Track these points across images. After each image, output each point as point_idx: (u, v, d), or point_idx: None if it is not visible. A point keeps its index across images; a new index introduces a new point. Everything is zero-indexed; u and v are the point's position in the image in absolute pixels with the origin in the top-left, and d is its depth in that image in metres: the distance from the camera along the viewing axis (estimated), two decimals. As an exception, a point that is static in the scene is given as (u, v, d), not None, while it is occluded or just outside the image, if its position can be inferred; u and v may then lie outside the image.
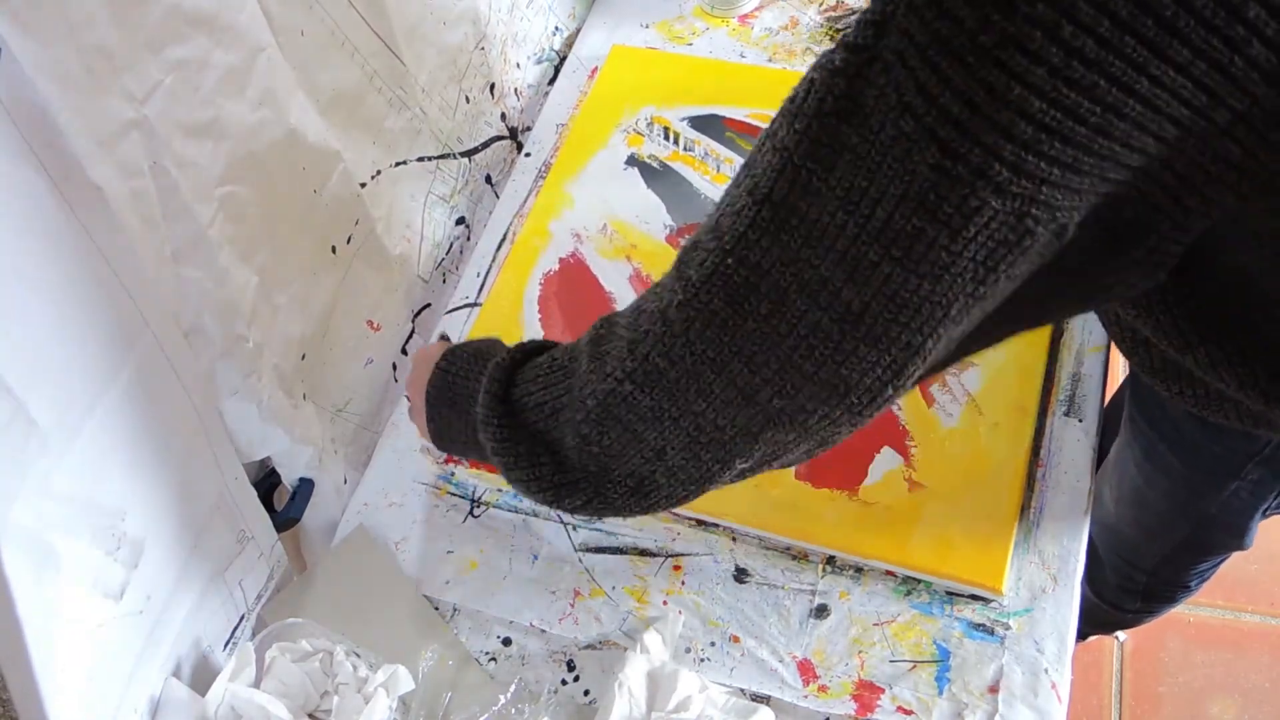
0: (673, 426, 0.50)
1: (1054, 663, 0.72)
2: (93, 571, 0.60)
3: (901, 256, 0.40)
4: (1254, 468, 0.71)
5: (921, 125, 0.37)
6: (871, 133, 0.38)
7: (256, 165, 0.67)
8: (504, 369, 0.59)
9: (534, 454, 0.57)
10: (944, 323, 0.42)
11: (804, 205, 0.41)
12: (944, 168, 0.37)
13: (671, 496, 0.55)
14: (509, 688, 0.75)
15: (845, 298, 0.42)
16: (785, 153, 0.41)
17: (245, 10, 0.64)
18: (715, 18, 1.13)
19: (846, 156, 0.39)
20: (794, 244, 0.42)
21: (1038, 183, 0.37)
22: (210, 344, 0.67)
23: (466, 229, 1.02)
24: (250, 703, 0.69)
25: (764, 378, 0.46)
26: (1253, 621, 1.41)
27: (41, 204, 0.52)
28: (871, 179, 0.39)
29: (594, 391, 0.52)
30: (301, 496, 0.79)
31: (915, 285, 0.41)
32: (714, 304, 0.45)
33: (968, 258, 0.40)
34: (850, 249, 0.41)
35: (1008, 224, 0.38)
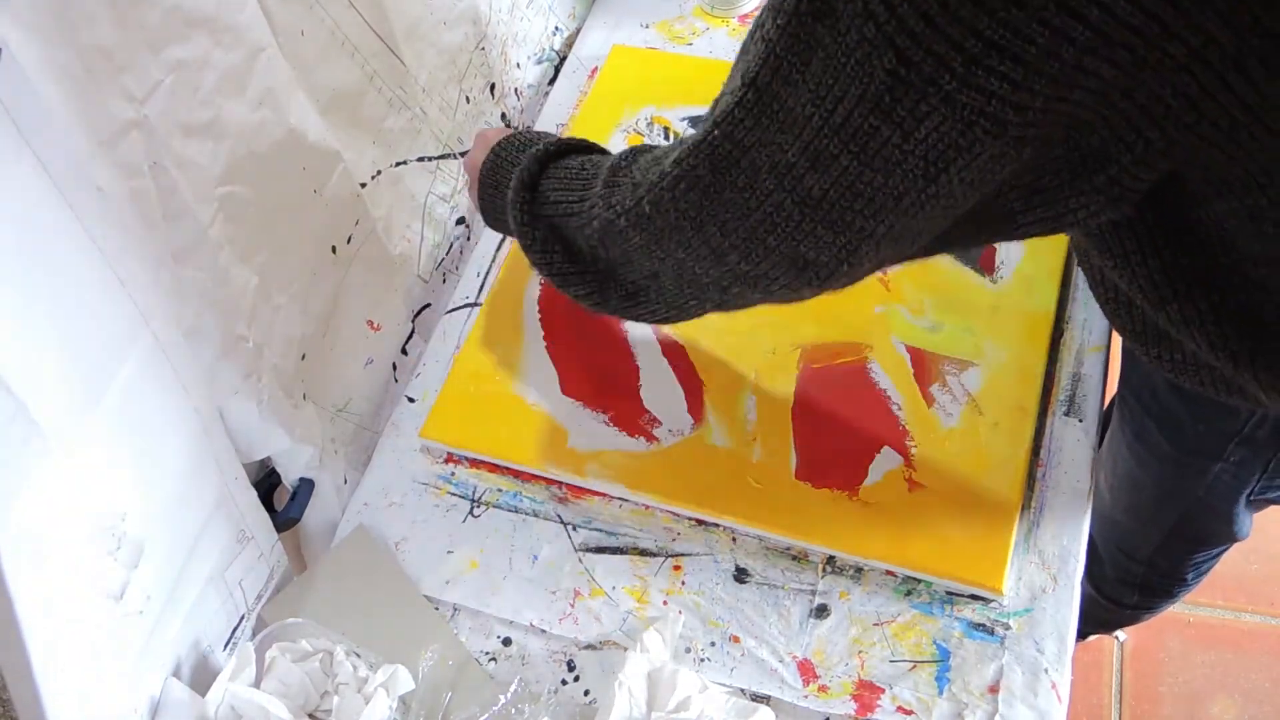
0: (659, 263, 0.58)
1: (1054, 663, 0.72)
2: (93, 571, 0.60)
3: (858, 151, 0.44)
4: (1235, 448, 0.72)
5: (882, 32, 0.39)
6: (840, 34, 0.41)
7: (256, 165, 0.67)
8: (538, 159, 0.66)
9: (548, 241, 0.66)
10: (894, 212, 0.46)
11: (783, 93, 0.45)
12: (898, 74, 0.40)
13: (656, 314, 0.64)
14: (509, 688, 0.75)
15: (807, 184, 0.46)
16: (769, 43, 0.44)
17: (245, 10, 0.64)
18: (715, 18, 1.13)
19: (819, 54, 0.42)
20: (771, 128, 0.46)
21: (986, 95, 0.39)
22: (210, 344, 0.67)
23: (467, 229, 1.02)
24: (250, 703, 0.69)
25: (732, 243, 0.52)
26: (1253, 621, 1.42)
27: (41, 204, 0.52)
28: (837, 77, 0.42)
29: (598, 215, 0.60)
30: (301, 496, 0.79)
31: (869, 178, 0.44)
32: (699, 169, 0.50)
33: (917, 156, 0.43)
34: (814, 140, 0.44)
35: (955, 130, 0.41)
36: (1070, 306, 0.86)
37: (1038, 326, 0.84)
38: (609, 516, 0.82)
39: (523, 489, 0.84)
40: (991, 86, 0.39)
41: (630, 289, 0.64)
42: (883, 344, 0.85)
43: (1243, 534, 0.86)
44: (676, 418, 0.84)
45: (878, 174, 0.44)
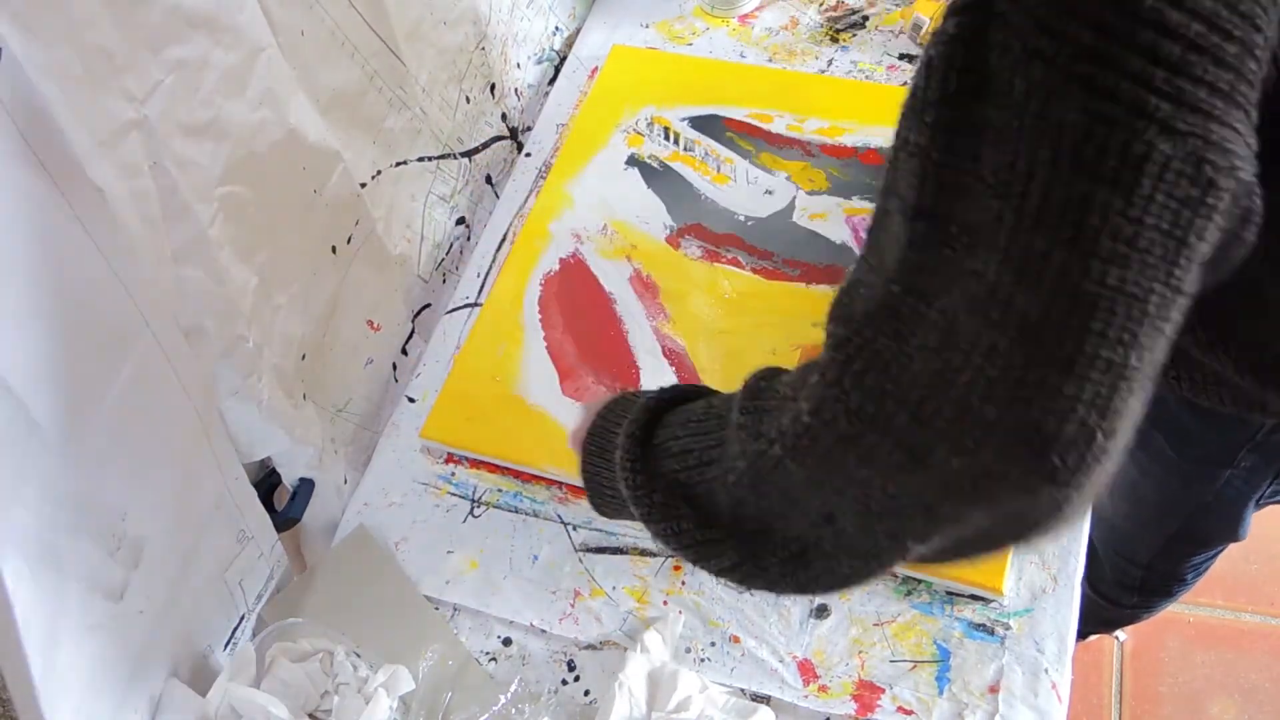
0: (834, 497, 0.42)
1: (1054, 663, 0.72)
2: (93, 571, 0.60)
3: (1072, 236, 0.33)
4: (1247, 455, 0.71)
5: (1054, 68, 0.32)
6: (1005, 97, 0.32)
7: (256, 165, 0.67)
8: (648, 410, 0.53)
9: (672, 505, 0.51)
10: (1144, 325, 0.34)
11: (958, 207, 0.35)
12: (1093, 110, 0.31)
13: (836, 574, 0.46)
14: (509, 688, 0.75)
15: (1019, 306, 0.34)
16: (922, 153, 0.35)
17: (245, 10, 0.64)
18: (715, 18, 1.13)
19: (988, 135, 0.33)
20: (957, 255, 0.35)
21: (1205, 117, 0.31)
22: (210, 344, 0.66)
23: (467, 229, 1.02)
24: (250, 703, 0.68)
25: (936, 429, 0.37)
26: (1253, 621, 1.41)
27: (41, 204, 0.52)
28: (1018, 151, 0.33)
29: (744, 451, 0.45)
30: (301, 496, 0.79)
31: (1099, 274, 0.33)
32: (878, 341, 0.37)
33: (1150, 225, 0.32)
34: (1014, 242, 0.33)
35: (1185, 173, 0.32)
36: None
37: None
38: (609, 516, 0.82)
39: (523, 489, 0.84)
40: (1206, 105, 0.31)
41: (795, 547, 0.46)
42: (883, 344, 0.85)
43: (1243, 535, 0.86)
44: (676, 418, 0.84)
45: (1108, 265, 0.33)
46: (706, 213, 0.95)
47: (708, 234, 0.94)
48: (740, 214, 0.95)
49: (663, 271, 0.92)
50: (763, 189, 0.96)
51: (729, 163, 0.98)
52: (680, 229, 0.95)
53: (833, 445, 0.40)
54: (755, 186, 0.96)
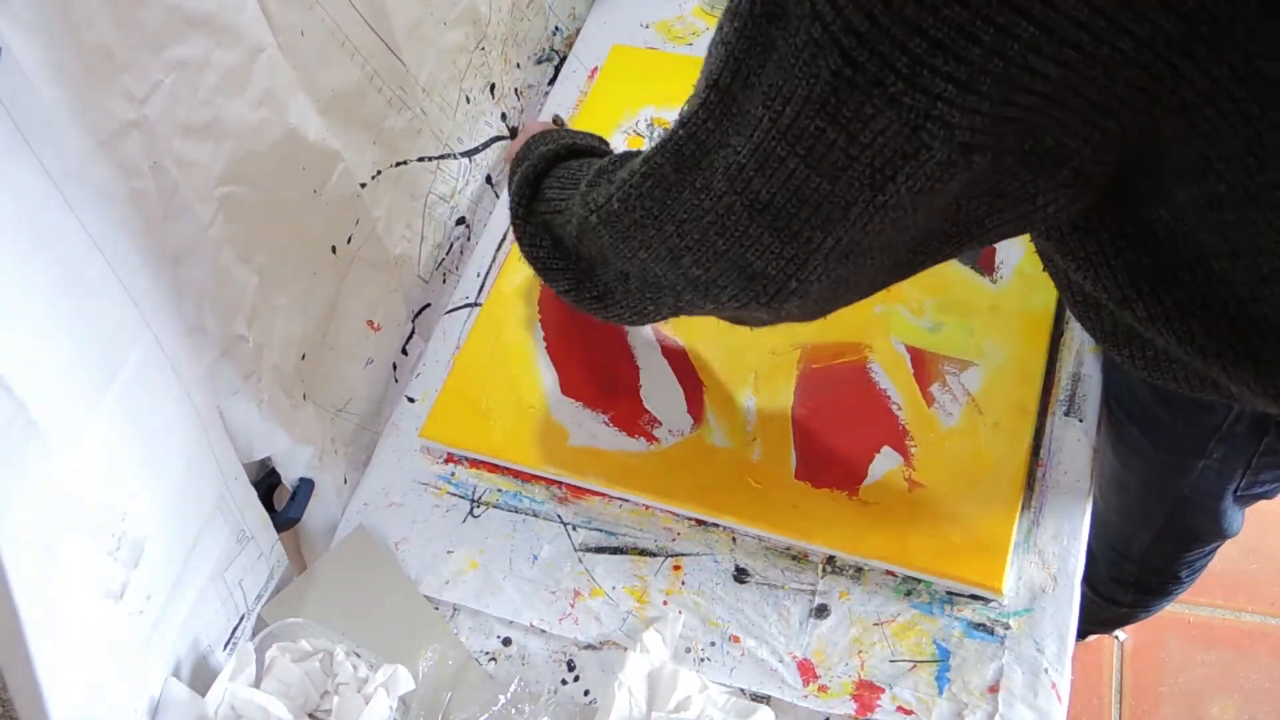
0: (627, 262, 0.59)
1: (1054, 663, 0.72)
2: (93, 571, 0.60)
3: (804, 154, 0.43)
4: (1216, 445, 0.72)
5: (828, 32, 0.39)
6: (790, 35, 0.41)
7: (256, 165, 0.67)
8: (546, 158, 0.70)
9: (538, 235, 0.68)
10: (842, 223, 0.45)
11: (740, 96, 0.45)
12: (843, 74, 0.40)
13: (621, 317, 0.66)
14: (509, 688, 0.75)
15: (755, 187, 0.46)
16: (728, 46, 0.44)
17: (245, 10, 0.64)
18: (715, 18, 1.13)
19: (773, 56, 0.42)
20: (728, 130, 0.46)
21: (931, 98, 0.39)
22: (210, 344, 0.67)
23: (467, 229, 1.02)
24: (250, 703, 0.69)
25: (686, 244, 0.52)
26: (1253, 621, 1.42)
27: (41, 204, 0.52)
28: (786, 79, 0.42)
29: (577, 213, 0.61)
30: (301, 496, 0.79)
31: (816, 183, 0.44)
32: (665, 168, 0.51)
33: (864, 162, 0.42)
34: (764, 142, 0.44)
35: (901, 135, 0.40)
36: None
37: (1037, 326, 0.84)
38: (609, 516, 0.82)
39: (523, 489, 0.85)
40: (937, 89, 0.39)
41: (601, 289, 0.65)
42: (882, 344, 0.85)
43: (1233, 531, 0.86)
44: (676, 418, 0.84)
45: (824, 180, 0.44)
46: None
47: (708, 234, 0.94)
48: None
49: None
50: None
51: (729, 163, 0.98)
52: (680, 229, 0.95)
53: (627, 228, 0.56)
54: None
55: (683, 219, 0.51)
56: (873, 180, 0.43)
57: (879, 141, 0.41)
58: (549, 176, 0.69)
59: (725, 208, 0.48)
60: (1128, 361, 0.60)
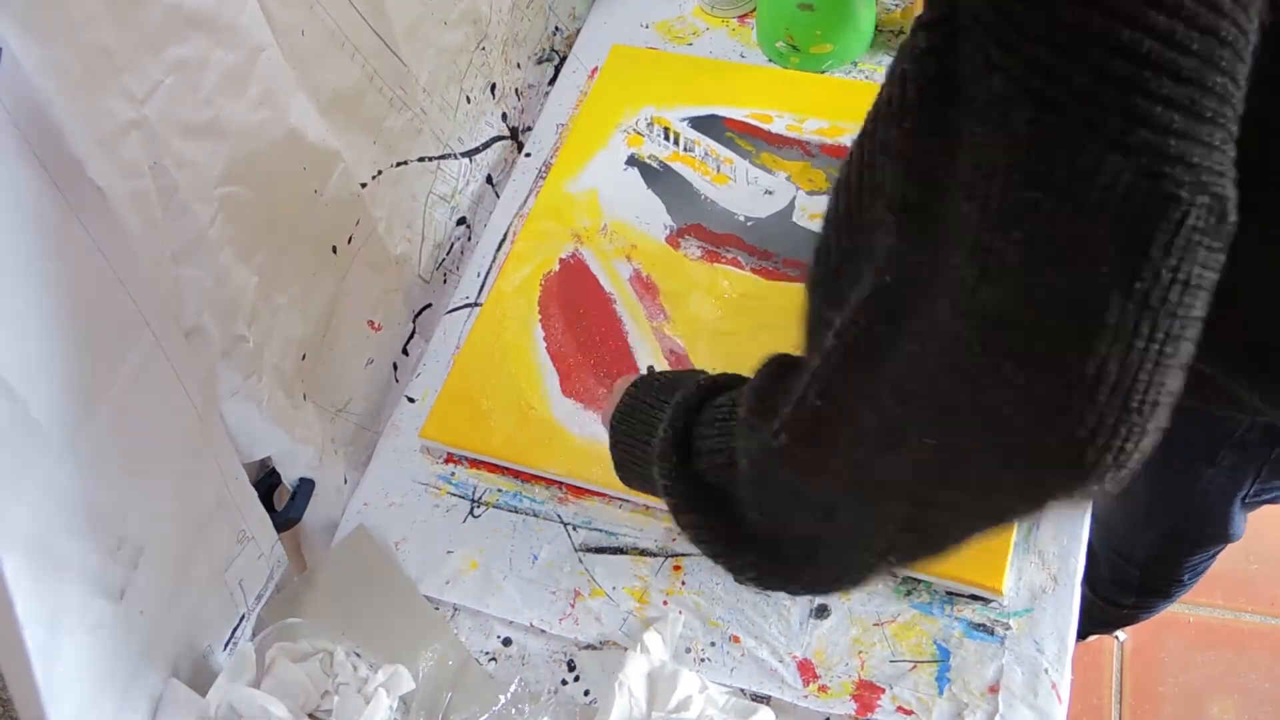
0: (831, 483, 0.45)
1: (1054, 663, 0.72)
2: (93, 571, 0.60)
3: (1022, 238, 0.34)
4: (1227, 453, 0.71)
5: (1012, 80, 0.33)
6: (971, 105, 0.34)
7: (256, 165, 0.67)
8: (687, 407, 0.55)
9: (706, 501, 0.52)
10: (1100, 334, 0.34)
11: (936, 203, 0.37)
12: (1043, 122, 0.33)
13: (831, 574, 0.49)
14: (509, 688, 0.75)
15: (981, 299, 0.36)
16: (902, 155, 0.38)
17: (245, 10, 0.64)
18: (715, 18, 1.13)
19: (958, 139, 0.36)
20: (936, 247, 0.38)
21: (1161, 132, 0.32)
22: (210, 344, 0.67)
23: (467, 229, 1.02)
24: (250, 703, 0.69)
25: (910, 409, 0.39)
26: (1253, 621, 1.42)
27: (41, 204, 0.52)
28: (981, 155, 0.35)
29: (752, 449, 0.48)
30: (301, 496, 0.79)
31: (1051, 279, 0.34)
32: (874, 327, 0.40)
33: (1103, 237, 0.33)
34: (979, 240, 0.36)
35: (1140, 188, 0.32)
36: (1070, 306, 0.86)
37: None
38: (609, 516, 0.82)
39: (523, 489, 0.85)
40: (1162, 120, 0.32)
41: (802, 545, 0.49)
42: (883, 344, 0.85)
43: (1237, 535, 0.86)
44: (676, 418, 0.84)
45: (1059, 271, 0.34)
46: (706, 213, 0.95)
47: (708, 234, 0.94)
48: (740, 214, 0.95)
49: (663, 272, 0.92)
50: (763, 189, 0.96)
51: (729, 163, 0.98)
52: (680, 229, 0.95)
53: (829, 427, 0.42)
54: (755, 187, 0.96)
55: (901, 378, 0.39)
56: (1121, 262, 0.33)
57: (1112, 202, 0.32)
58: (697, 427, 0.54)
59: (953, 338, 0.37)
60: None
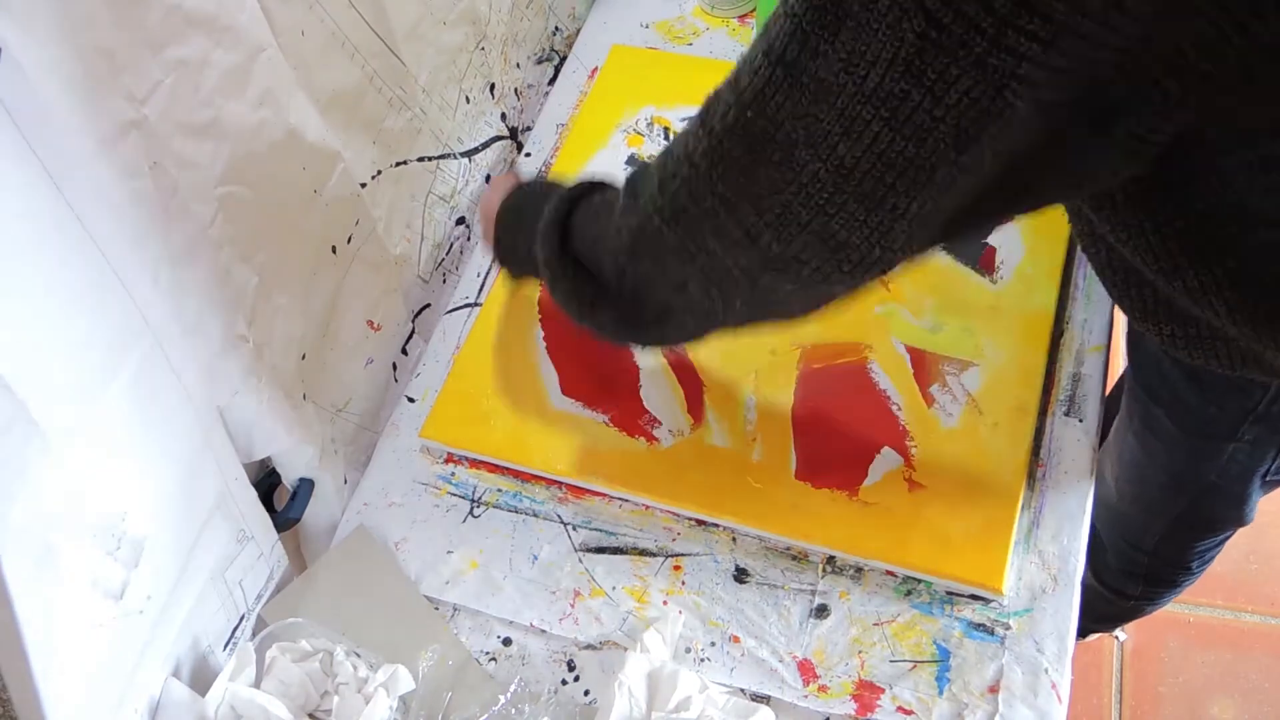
0: (689, 263, 0.56)
1: (1054, 663, 0.72)
2: (93, 571, 0.60)
3: (889, 117, 0.44)
4: (1250, 427, 0.71)
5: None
6: (869, 2, 0.41)
7: (256, 165, 0.67)
8: (571, 198, 0.67)
9: (578, 273, 0.65)
10: (928, 187, 0.46)
11: (813, 65, 0.45)
12: (928, 36, 0.40)
13: (684, 329, 0.63)
14: (509, 688, 0.75)
15: (840, 152, 0.46)
16: (796, 18, 0.45)
17: (245, 10, 0.64)
18: (715, 18, 1.13)
19: (849, 23, 0.43)
20: (804, 100, 0.46)
21: (1016, 57, 0.40)
22: (210, 344, 0.67)
23: (467, 229, 1.02)
24: (250, 703, 0.69)
25: (766, 221, 0.50)
26: (1253, 621, 1.42)
27: (41, 204, 0.52)
28: (868, 44, 0.42)
29: (627, 225, 0.59)
30: (301, 496, 0.79)
31: (900, 146, 0.44)
32: (734, 151, 0.50)
33: (949, 123, 0.43)
34: (848, 107, 0.44)
35: (986, 94, 0.41)
36: (1070, 306, 0.86)
37: (1038, 326, 0.84)
38: (609, 516, 0.82)
39: (523, 489, 0.85)
40: (1022, 48, 0.39)
41: (658, 309, 0.62)
42: (883, 344, 0.85)
43: (1249, 518, 0.86)
44: (676, 418, 0.84)
45: (909, 142, 0.44)
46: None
47: (708, 234, 0.94)
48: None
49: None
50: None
51: (729, 163, 0.98)
52: (680, 229, 0.95)
53: (695, 219, 0.53)
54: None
55: (759, 194, 0.50)
56: (957, 141, 0.43)
57: (964, 103, 0.42)
58: (574, 216, 0.66)
59: (809, 176, 0.48)
60: (1168, 342, 0.60)
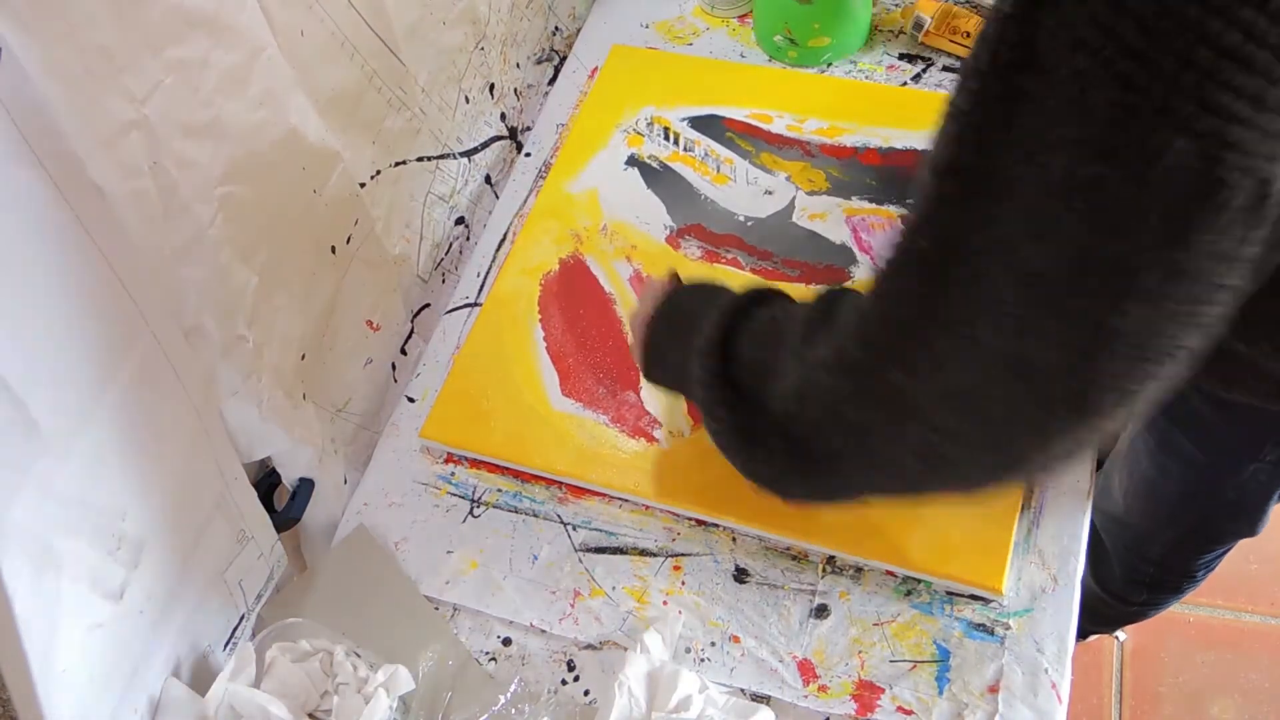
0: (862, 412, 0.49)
1: (1054, 663, 0.72)
2: (93, 571, 0.60)
3: (1082, 208, 0.37)
4: (1273, 448, 0.70)
5: (1099, 59, 0.34)
6: (1047, 76, 0.36)
7: (256, 165, 0.67)
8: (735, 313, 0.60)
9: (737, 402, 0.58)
10: (1130, 296, 0.38)
11: (989, 166, 0.39)
12: (1123, 103, 0.35)
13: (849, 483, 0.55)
14: (509, 688, 0.75)
15: (1026, 255, 0.39)
16: (964, 118, 0.39)
17: (245, 10, 0.64)
18: (715, 18, 1.13)
19: (1025, 106, 0.37)
20: (983, 204, 0.40)
21: (1227, 119, 0.34)
22: (210, 344, 0.67)
23: (466, 229, 1.02)
24: (250, 703, 0.68)
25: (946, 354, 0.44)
26: (1253, 621, 1.42)
27: (41, 204, 0.52)
28: (1050, 125, 0.37)
29: (794, 375, 0.53)
30: (301, 496, 0.79)
31: (1099, 244, 0.37)
32: (910, 286, 0.44)
33: (1155, 212, 0.36)
34: (1033, 202, 0.38)
35: (1196, 169, 0.35)
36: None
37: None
38: (609, 516, 0.82)
39: (523, 489, 0.85)
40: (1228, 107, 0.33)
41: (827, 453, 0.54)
42: (883, 344, 0.85)
43: (1260, 529, 0.86)
44: (676, 418, 0.84)
45: (1109, 239, 0.37)
46: (706, 213, 0.95)
47: (708, 234, 0.94)
48: (740, 214, 0.95)
49: (663, 272, 0.92)
50: (762, 189, 0.96)
51: (729, 163, 0.98)
52: (680, 229, 0.95)
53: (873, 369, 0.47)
54: (755, 187, 0.96)
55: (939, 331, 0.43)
56: (1166, 234, 0.36)
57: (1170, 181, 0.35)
58: (739, 336, 0.59)
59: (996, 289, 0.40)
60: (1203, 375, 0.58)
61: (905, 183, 0.93)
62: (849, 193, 0.94)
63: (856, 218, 0.93)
